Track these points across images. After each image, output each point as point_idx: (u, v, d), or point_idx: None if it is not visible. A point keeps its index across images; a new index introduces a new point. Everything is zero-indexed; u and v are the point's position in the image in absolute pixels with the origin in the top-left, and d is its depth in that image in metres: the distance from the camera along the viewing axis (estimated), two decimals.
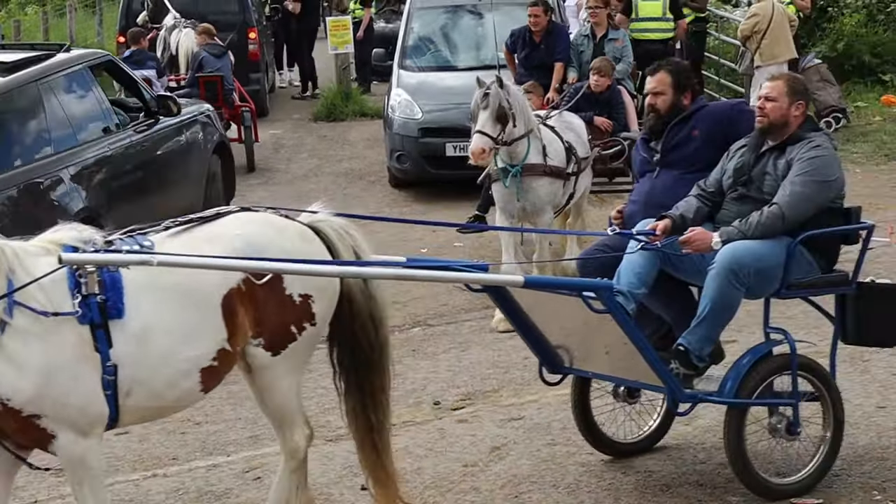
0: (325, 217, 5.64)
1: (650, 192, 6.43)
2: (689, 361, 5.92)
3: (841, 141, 15.17)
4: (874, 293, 6.14)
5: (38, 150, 9.30)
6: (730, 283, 5.77)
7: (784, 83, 6.11)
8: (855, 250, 6.27)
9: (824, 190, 5.93)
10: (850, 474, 6.31)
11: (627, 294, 5.88)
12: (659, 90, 6.44)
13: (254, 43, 18.72)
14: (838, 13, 18.90)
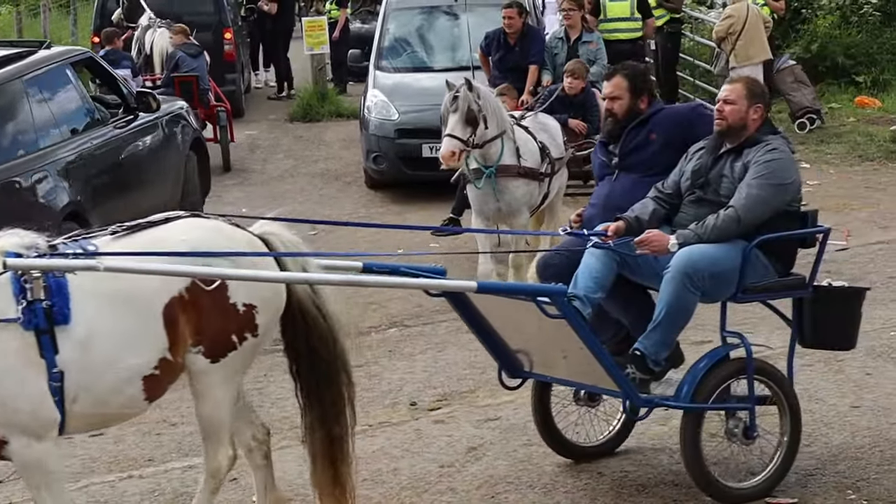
0: (278, 230, 5.57)
1: (608, 195, 6.45)
2: (646, 366, 5.92)
3: (815, 142, 15.28)
4: (830, 296, 6.14)
5: (24, 145, 9.37)
6: (685, 287, 5.76)
7: (743, 86, 6.10)
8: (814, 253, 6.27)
9: (780, 193, 5.93)
10: (825, 474, 6.34)
11: (584, 298, 5.87)
12: (616, 94, 6.45)
13: (229, 43, 18.68)
14: (812, 15, 18.98)
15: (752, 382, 5.96)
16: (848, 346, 6.43)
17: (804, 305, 6.14)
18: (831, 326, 6.17)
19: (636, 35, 15.37)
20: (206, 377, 5.27)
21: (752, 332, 6.90)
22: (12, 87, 9.44)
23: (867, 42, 18.57)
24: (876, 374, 7.79)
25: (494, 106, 9.38)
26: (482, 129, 9.22)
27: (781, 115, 16.74)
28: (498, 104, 9.50)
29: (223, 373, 5.28)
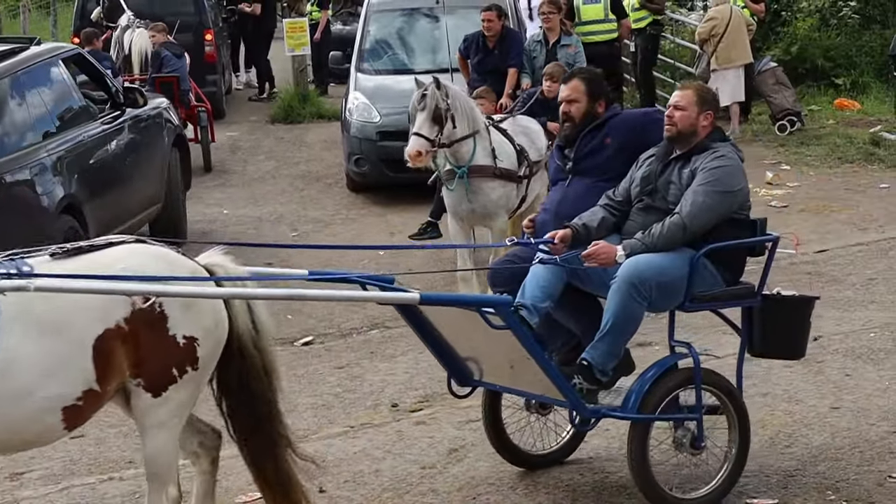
0: (223, 262, 5.41)
1: (561, 201, 6.39)
2: (593, 376, 5.85)
3: (794, 144, 15.34)
4: (779, 305, 6.10)
5: (21, 139, 9.54)
6: (631, 297, 5.71)
7: (693, 92, 6.06)
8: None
9: (727, 200, 5.87)
10: (805, 474, 6.37)
11: (531, 308, 5.82)
12: (573, 98, 6.40)
13: (210, 44, 18.65)
14: (791, 17, 19.06)
15: (699, 392, 5.89)
16: (796, 355, 6.37)
17: (754, 314, 6.08)
18: (780, 336, 6.13)
19: (612, 36, 15.44)
20: (150, 413, 5.15)
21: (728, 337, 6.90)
22: (6, 82, 9.59)
23: (846, 45, 18.66)
24: (855, 375, 7.83)
25: (465, 105, 9.31)
26: (450, 129, 9.15)
27: (762, 118, 16.81)
28: (470, 104, 9.44)
29: (166, 408, 5.15)
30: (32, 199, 9.29)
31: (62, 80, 10.40)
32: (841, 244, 11.06)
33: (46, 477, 6.84)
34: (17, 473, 6.89)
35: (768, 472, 6.39)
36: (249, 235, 12.35)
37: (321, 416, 7.57)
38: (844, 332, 8.64)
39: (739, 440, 6.03)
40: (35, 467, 6.97)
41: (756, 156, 14.96)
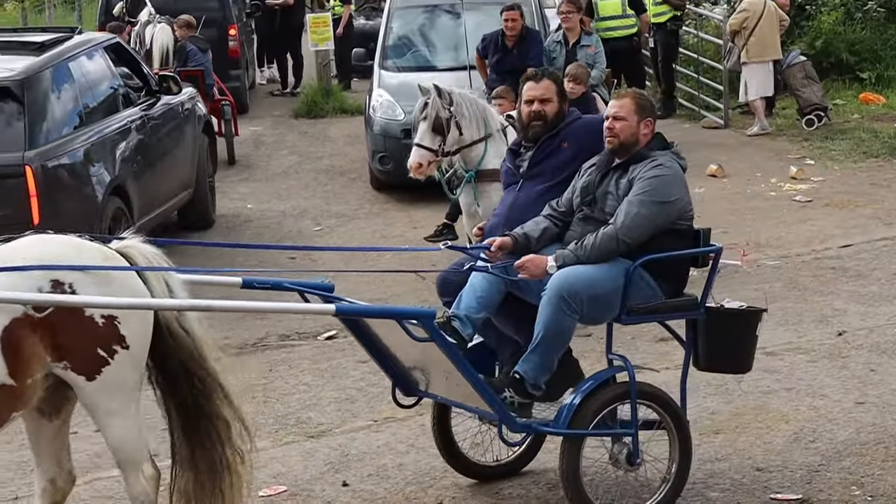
0: (137, 244, 5.31)
1: (511, 206, 6.25)
2: (525, 390, 5.71)
3: (819, 139, 15.27)
4: (723, 318, 5.91)
5: (71, 122, 9.98)
6: (561, 310, 5.58)
7: (632, 101, 5.93)
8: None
9: (663, 211, 5.74)
10: (830, 470, 6.35)
11: (464, 318, 5.71)
12: (547, 97, 6.28)
13: (234, 40, 18.68)
14: (816, 11, 18.96)
15: (635, 407, 5.73)
16: (742, 370, 6.21)
17: (698, 327, 5.93)
18: (724, 349, 5.96)
19: (631, 31, 15.50)
20: (96, 402, 5.05)
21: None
22: (57, 69, 10.03)
23: (871, 39, 18.55)
24: (880, 370, 7.80)
25: (474, 110, 9.07)
26: (456, 136, 8.96)
27: (786, 112, 16.75)
28: (481, 107, 9.19)
29: (110, 394, 5.04)
30: (85, 180, 9.73)
31: (105, 68, 10.93)
32: (866, 239, 11.01)
33: None
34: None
35: (792, 468, 6.37)
36: (273, 230, 12.37)
37: (345, 409, 7.58)
38: (869, 328, 8.61)
39: (680, 457, 5.85)
40: None
41: (780, 150, 14.92)
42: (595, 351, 7.54)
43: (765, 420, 7.00)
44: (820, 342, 8.33)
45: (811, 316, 8.90)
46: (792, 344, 8.31)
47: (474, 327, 5.78)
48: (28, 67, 9.80)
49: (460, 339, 5.69)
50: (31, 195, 9.17)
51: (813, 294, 9.43)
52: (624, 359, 5.82)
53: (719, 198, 12.74)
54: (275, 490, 6.37)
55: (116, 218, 10.02)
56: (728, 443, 6.70)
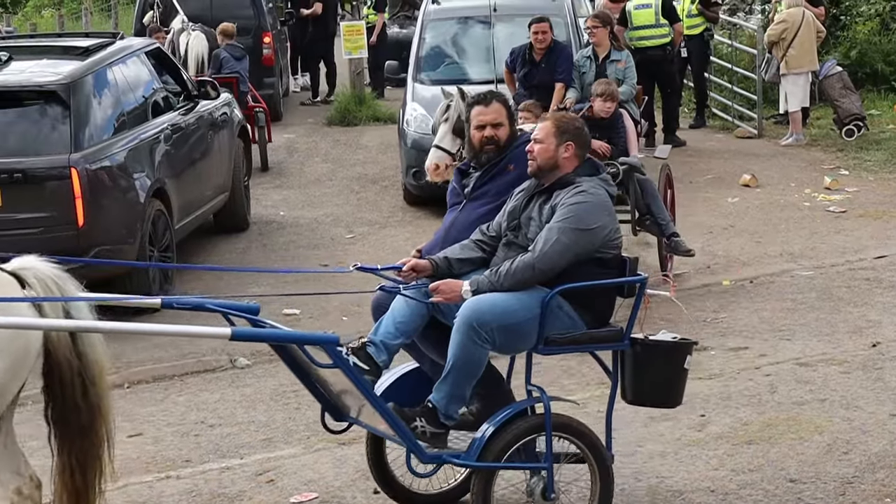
0: (34, 265, 5.18)
1: (450, 226, 6.14)
2: (437, 420, 5.54)
3: (854, 149, 15.20)
4: (649, 351, 5.73)
5: (116, 125, 10.18)
6: (471, 339, 5.41)
7: (552, 124, 5.78)
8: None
9: (583, 238, 5.56)
10: (864, 482, 6.30)
11: (380, 345, 5.56)
12: (498, 121, 6.15)
13: (268, 47, 18.77)
14: (851, 21, 18.89)
15: (550, 440, 5.54)
16: (669, 404, 6.02)
17: (624, 359, 5.76)
18: (650, 382, 5.77)
19: (664, 41, 15.52)
20: None
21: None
22: (101, 73, 10.24)
23: None
24: None
25: None
26: None
27: (820, 122, 16.68)
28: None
29: None
30: (127, 183, 9.97)
31: (146, 72, 11.14)
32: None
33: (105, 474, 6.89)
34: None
35: (826, 479, 6.33)
36: (306, 237, 12.41)
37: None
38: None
39: (601, 491, 5.67)
40: None
41: (815, 160, 14.86)
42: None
43: (798, 431, 6.97)
44: (854, 353, 8.28)
45: (845, 327, 8.86)
46: (826, 355, 8.27)
47: (390, 354, 5.60)
48: (73, 72, 9.98)
49: (374, 365, 5.51)
50: (76, 197, 9.38)
51: (847, 305, 9.38)
52: (541, 390, 5.61)
53: (753, 207, 12.71)
54: (306, 497, 6.39)
55: (156, 220, 10.15)
56: (761, 453, 6.67)
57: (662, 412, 7.30)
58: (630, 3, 15.67)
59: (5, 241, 9.36)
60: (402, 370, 5.97)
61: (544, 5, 13.90)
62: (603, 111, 10.07)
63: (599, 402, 7.25)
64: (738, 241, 11.48)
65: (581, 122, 5.96)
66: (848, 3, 19.12)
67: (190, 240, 11.62)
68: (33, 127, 9.72)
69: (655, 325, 9.10)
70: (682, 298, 9.79)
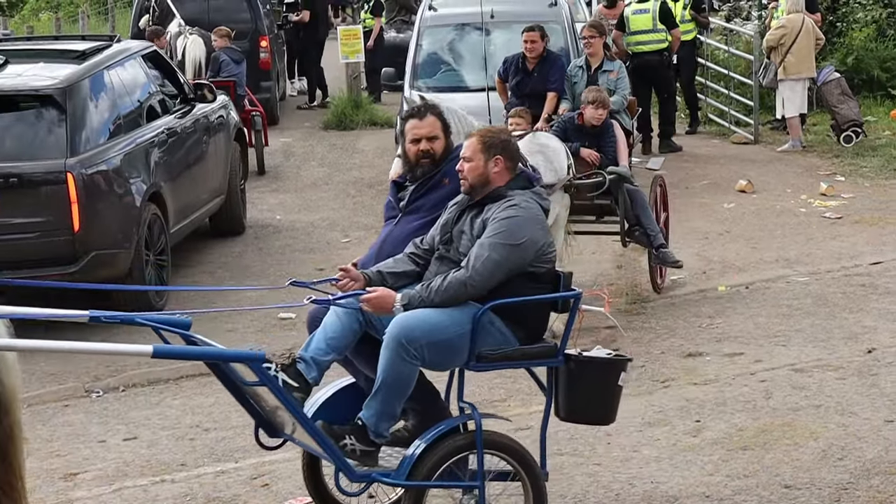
0: None
1: (384, 240, 6.05)
2: (367, 437, 5.47)
3: (850, 155, 15.22)
4: (582, 367, 5.64)
5: (111, 129, 10.15)
6: (399, 356, 5.34)
7: (478, 140, 5.70)
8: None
9: (514, 253, 5.47)
10: (858, 488, 6.31)
11: (310, 361, 5.46)
12: (434, 134, 6.02)
13: (265, 51, 18.76)
14: (848, 28, 18.91)
15: (481, 458, 5.46)
16: (603, 421, 5.93)
17: (558, 375, 5.67)
18: (584, 399, 5.68)
19: (661, 46, 15.57)
20: None
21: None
22: (98, 77, 10.22)
23: None
24: None
25: (461, 127, 8.41)
26: None
27: (817, 128, 16.69)
28: (468, 124, 8.61)
29: None
30: (123, 187, 9.91)
31: (143, 75, 11.13)
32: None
33: (100, 478, 6.91)
34: (72, 474, 6.97)
35: (821, 485, 6.34)
36: (301, 241, 12.40)
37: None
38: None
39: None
40: (89, 468, 7.05)
41: (811, 166, 14.88)
42: None
43: (793, 437, 6.97)
44: (849, 359, 8.29)
45: (840, 333, 8.86)
46: (821, 361, 8.27)
47: (320, 370, 5.51)
48: (70, 75, 9.98)
49: (304, 382, 5.43)
50: (71, 202, 9.38)
51: (842, 311, 9.39)
52: (472, 407, 5.54)
53: (748, 213, 12.72)
54: (300, 501, 6.38)
55: (152, 224, 10.16)
56: (756, 459, 6.68)
57: (658, 416, 7.33)
58: (628, 9, 15.76)
59: (1, 246, 9.38)
60: (339, 385, 5.87)
61: (542, 11, 13.89)
62: (594, 119, 9.98)
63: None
64: (734, 246, 11.49)
65: (508, 135, 5.90)
66: (844, 9, 19.15)
67: (186, 243, 11.61)
68: (29, 131, 9.70)
69: (653, 331, 9.15)
70: (677, 304, 9.86)
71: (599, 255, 10.06)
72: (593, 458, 6.76)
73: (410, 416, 5.74)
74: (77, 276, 9.58)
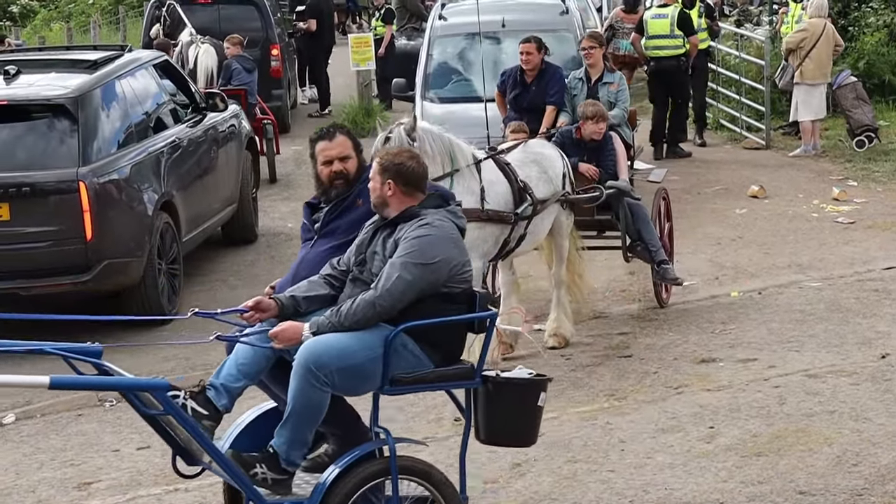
0: None
1: (300, 263, 5.93)
2: (279, 465, 5.35)
3: (862, 160, 15.19)
4: (500, 387, 5.52)
5: (123, 138, 10.21)
6: (309, 382, 5.21)
7: (377, 162, 5.61)
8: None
9: (426, 273, 5.33)
10: (873, 494, 6.29)
11: (220, 388, 5.36)
12: (345, 154, 5.89)
13: (276, 59, 18.79)
14: (859, 32, 18.87)
15: (396, 483, 5.35)
16: (522, 443, 5.80)
17: (477, 397, 5.55)
18: (503, 420, 5.57)
19: (678, 52, 15.64)
20: None
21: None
22: (109, 86, 10.27)
23: None
24: None
25: (438, 146, 8.41)
26: None
27: (829, 133, 16.66)
28: (445, 142, 8.50)
29: None
30: (135, 196, 9.96)
31: (154, 85, 11.16)
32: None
33: (114, 487, 6.92)
34: (86, 483, 6.99)
35: (835, 491, 6.32)
36: None
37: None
38: None
39: None
40: (103, 477, 7.06)
41: (823, 171, 14.85)
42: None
43: (807, 443, 6.96)
44: (863, 365, 8.27)
45: (854, 338, 8.84)
46: (835, 366, 8.25)
47: (231, 398, 5.40)
48: (81, 85, 10.02)
49: (214, 410, 5.33)
50: (84, 210, 9.41)
51: (856, 316, 9.37)
52: (386, 432, 5.42)
53: (761, 219, 12.69)
54: None
55: (164, 233, 10.18)
56: (770, 465, 6.66)
57: (672, 423, 7.32)
58: (648, 13, 15.97)
59: (13, 255, 9.41)
60: (261, 409, 5.76)
61: (553, 20, 13.84)
62: (595, 134, 9.74)
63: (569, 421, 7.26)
64: (747, 252, 11.47)
65: (404, 158, 5.67)
66: (856, 14, 19.12)
67: (198, 252, 11.63)
68: (41, 140, 9.75)
69: (665, 337, 9.13)
70: (690, 310, 9.84)
71: (611, 261, 10.06)
72: (607, 465, 6.75)
73: (331, 441, 5.64)
74: (90, 285, 9.62)
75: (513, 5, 14.50)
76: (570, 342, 9.06)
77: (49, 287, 9.58)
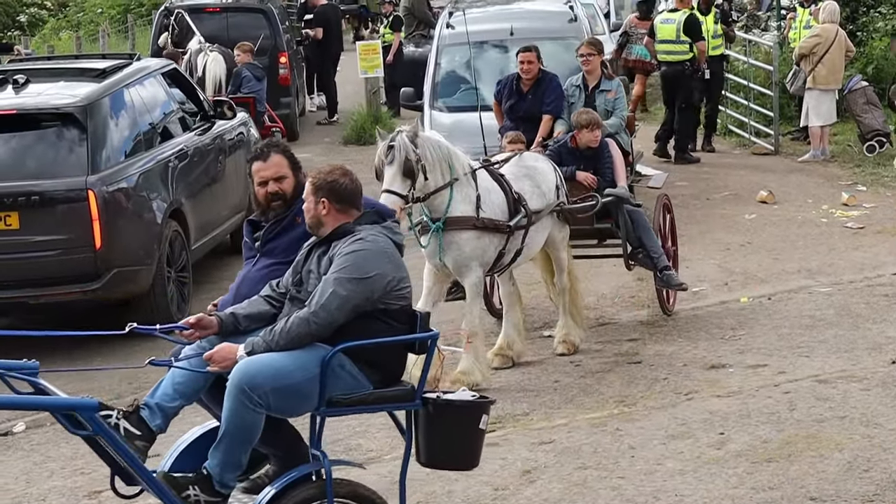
0: None
1: (242, 281, 5.88)
2: (212, 488, 5.28)
3: (871, 165, 15.17)
4: (441, 409, 5.41)
5: (132, 147, 10.24)
6: (242, 403, 5.14)
7: (310, 182, 5.57)
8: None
9: (361, 288, 5.27)
10: (885, 500, 6.27)
11: (154, 408, 5.29)
12: (281, 174, 5.85)
13: (284, 67, 18.82)
14: (868, 37, 18.85)
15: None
16: (463, 466, 5.70)
17: (417, 419, 5.45)
18: (445, 443, 5.46)
19: (683, 58, 15.71)
20: None
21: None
22: (118, 95, 10.30)
23: None
24: None
25: (438, 155, 8.40)
26: (422, 181, 8.29)
27: (838, 138, 16.63)
28: (444, 150, 8.48)
29: None
30: (144, 204, 10.00)
31: (163, 93, 11.20)
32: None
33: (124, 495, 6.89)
34: (96, 492, 6.98)
35: (846, 497, 6.31)
36: None
37: (394, 436, 7.53)
38: None
39: None
40: None
41: (832, 176, 14.83)
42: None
43: (818, 448, 6.94)
44: (873, 370, 8.25)
45: (864, 343, 8.82)
46: (845, 372, 8.23)
47: (166, 417, 5.34)
48: (90, 94, 10.04)
49: (147, 430, 5.27)
50: (93, 219, 9.43)
51: (865, 321, 9.35)
52: (323, 454, 5.32)
53: (770, 224, 12.68)
54: None
55: (173, 241, 10.19)
56: (780, 471, 6.65)
57: (682, 429, 7.30)
58: (658, 17, 16.20)
59: (23, 263, 9.43)
60: (205, 428, 5.68)
61: (561, 28, 13.79)
62: (591, 142, 9.67)
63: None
64: (756, 257, 11.45)
65: (336, 175, 5.60)
66: (864, 19, 19.10)
67: (207, 260, 11.64)
68: (50, 149, 9.77)
69: (675, 343, 9.12)
70: (700, 316, 9.82)
71: (620, 267, 10.04)
72: (617, 472, 6.74)
73: (272, 462, 5.61)
74: (99, 293, 9.63)
75: (521, 13, 14.49)
76: (580, 349, 9.05)
77: (58, 296, 9.60)
